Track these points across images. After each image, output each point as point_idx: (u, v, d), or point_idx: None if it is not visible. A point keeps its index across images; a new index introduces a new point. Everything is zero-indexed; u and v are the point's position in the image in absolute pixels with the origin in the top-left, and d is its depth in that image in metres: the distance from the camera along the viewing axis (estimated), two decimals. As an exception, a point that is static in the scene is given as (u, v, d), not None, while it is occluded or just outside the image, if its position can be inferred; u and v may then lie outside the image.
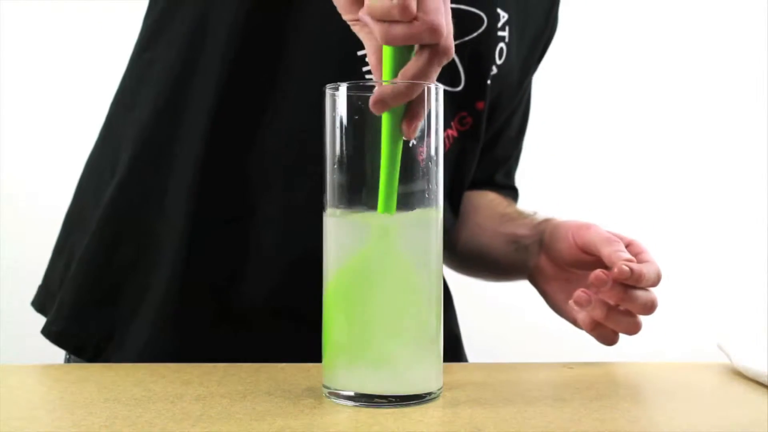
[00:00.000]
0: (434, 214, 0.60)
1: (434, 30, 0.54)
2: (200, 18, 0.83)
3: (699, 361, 0.78)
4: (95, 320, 0.83)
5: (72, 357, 0.87)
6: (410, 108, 0.57)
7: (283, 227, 0.82)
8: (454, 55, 0.77)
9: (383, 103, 0.56)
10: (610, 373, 0.73)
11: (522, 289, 0.91)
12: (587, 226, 0.82)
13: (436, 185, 0.59)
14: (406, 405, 0.58)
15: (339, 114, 0.58)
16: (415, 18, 0.53)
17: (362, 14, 0.56)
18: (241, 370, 0.69)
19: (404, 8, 0.53)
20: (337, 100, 0.58)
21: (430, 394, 0.59)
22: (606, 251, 0.77)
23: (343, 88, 0.58)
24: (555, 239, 0.86)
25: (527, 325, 1.75)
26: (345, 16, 0.60)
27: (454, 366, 0.71)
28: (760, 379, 0.68)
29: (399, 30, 0.54)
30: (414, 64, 0.56)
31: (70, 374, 0.71)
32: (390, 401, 0.58)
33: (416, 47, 0.56)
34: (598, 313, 0.76)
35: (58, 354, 0.89)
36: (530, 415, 0.57)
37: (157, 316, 0.81)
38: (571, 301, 0.77)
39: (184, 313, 0.82)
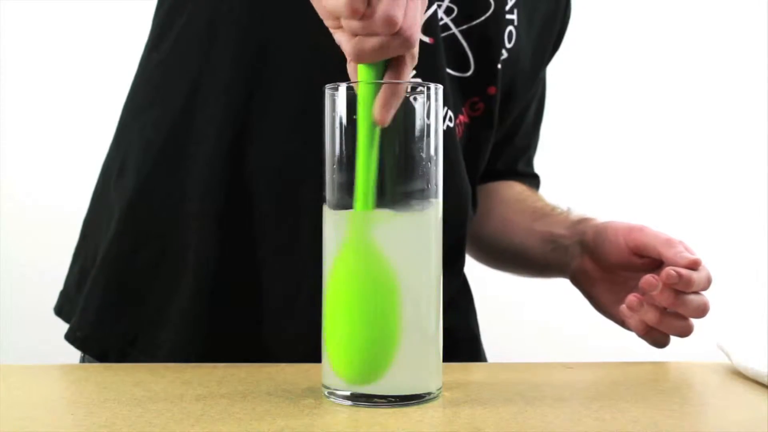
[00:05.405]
0: (434, 214, 0.60)
1: (388, 21, 0.54)
2: (208, 16, 0.82)
3: (699, 361, 0.78)
4: (120, 324, 0.82)
5: (87, 358, 0.85)
6: (381, 94, 0.57)
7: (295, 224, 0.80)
8: (459, 36, 0.79)
9: (387, 109, 0.56)
10: (610, 373, 0.73)
11: (522, 289, 0.90)
12: (639, 228, 0.81)
13: (436, 185, 0.59)
14: (406, 405, 0.58)
15: (338, 114, 0.58)
16: (370, 17, 0.54)
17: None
18: (241, 370, 0.69)
19: (353, 9, 0.54)
20: (337, 100, 0.58)
21: (429, 394, 0.59)
22: (669, 254, 0.76)
23: (343, 88, 0.58)
24: (601, 241, 0.85)
25: (527, 324, 1.75)
26: (327, 23, 0.59)
27: (454, 366, 0.71)
28: (760, 379, 0.68)
29: (369, 42, 0.55)
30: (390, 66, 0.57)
31: (70, 374, 0.71)
32: (390, 401, 0.58)
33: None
34: (651, 317, 0.76)
35: (59, 354, 0.88)
36: (530, 415, 0.57)
37: (185, 319, 0.80)
38: (623, 306, 0.78)
39: (213, 314, 0.80)
